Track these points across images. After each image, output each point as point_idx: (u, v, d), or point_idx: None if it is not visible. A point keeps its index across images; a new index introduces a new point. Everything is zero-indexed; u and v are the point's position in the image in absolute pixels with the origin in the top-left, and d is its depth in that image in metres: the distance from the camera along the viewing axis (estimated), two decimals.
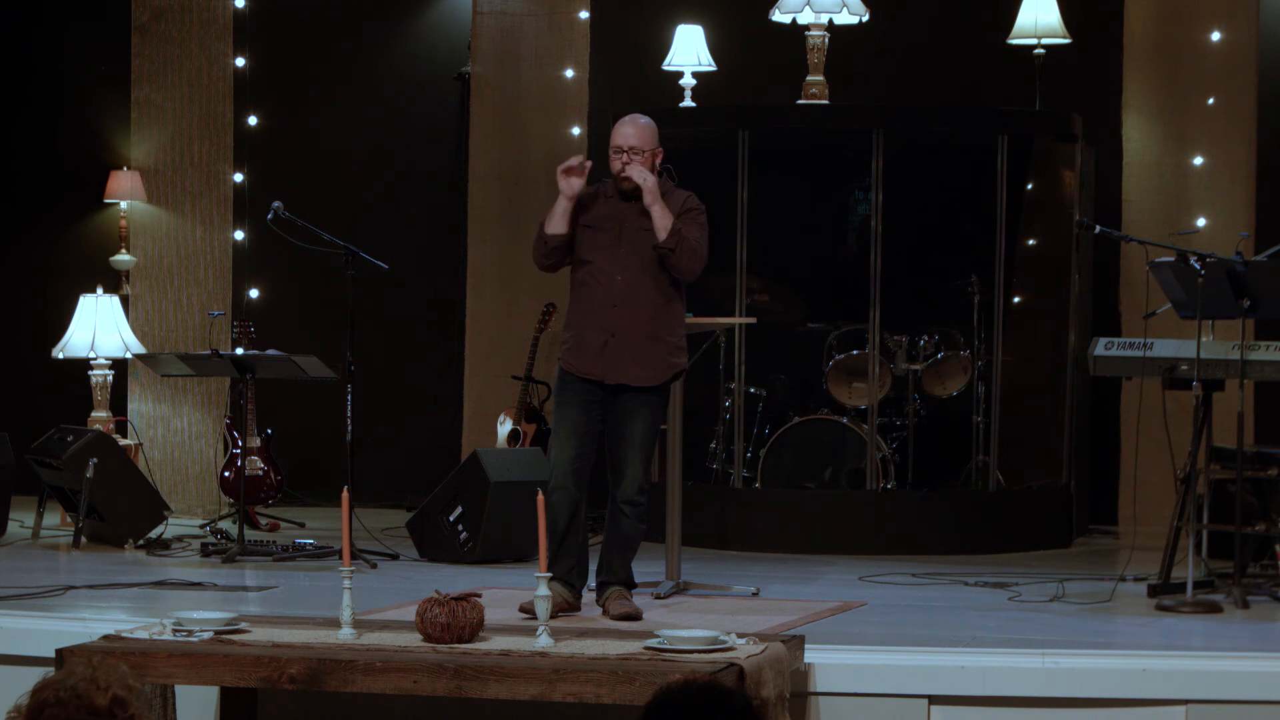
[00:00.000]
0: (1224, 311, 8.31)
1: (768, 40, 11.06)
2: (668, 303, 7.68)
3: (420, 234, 12.11)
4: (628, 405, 7.63)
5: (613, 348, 7.60)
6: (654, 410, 7.69)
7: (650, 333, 7.64)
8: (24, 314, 12.19)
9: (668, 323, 7.69)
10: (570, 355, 7.70)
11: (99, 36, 12.09)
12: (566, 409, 7.71)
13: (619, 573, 7.75)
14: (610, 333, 7.61)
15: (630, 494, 7.66)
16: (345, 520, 6.57)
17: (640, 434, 7.63)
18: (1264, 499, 8.75)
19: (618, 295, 7.62)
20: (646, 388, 7.64)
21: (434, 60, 12.20)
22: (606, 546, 7.79)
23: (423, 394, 12.19)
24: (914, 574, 9.21)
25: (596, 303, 7.64)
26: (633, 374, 7.62)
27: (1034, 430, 10.81)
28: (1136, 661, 6.87)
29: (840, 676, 6.83)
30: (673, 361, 7.70)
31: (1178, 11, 10.93)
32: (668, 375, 7.71)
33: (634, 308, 7.62)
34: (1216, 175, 10.84)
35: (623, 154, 7.67)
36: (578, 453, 7.65)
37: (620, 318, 7.61)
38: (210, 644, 6.38)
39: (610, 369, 7.62)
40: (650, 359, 7.64)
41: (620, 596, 7.67)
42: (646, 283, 7.64)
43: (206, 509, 11.22)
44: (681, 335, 7.76)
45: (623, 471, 7.66)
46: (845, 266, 11.20)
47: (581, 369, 7.66)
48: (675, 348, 7.71)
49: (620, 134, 7.71)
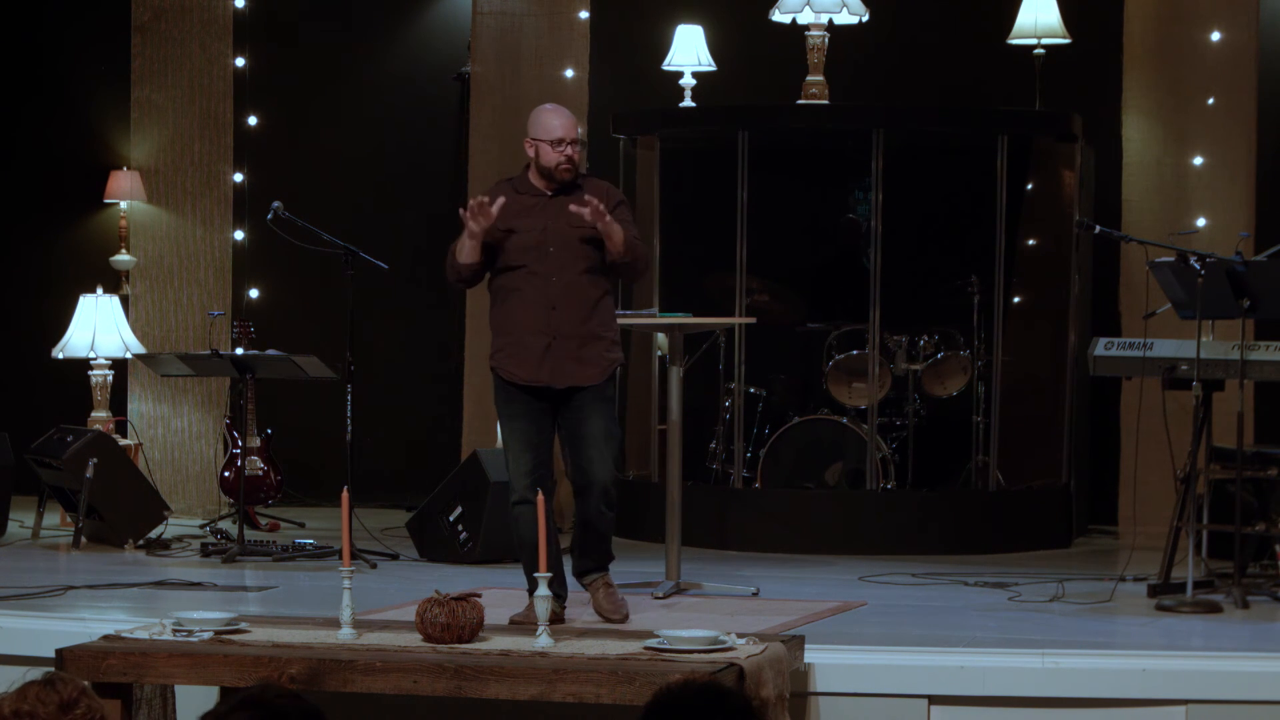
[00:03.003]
0: (1224, 311, 8.31)
1: (768, 40, 11.06)
2: (601, 299, 7.54)
3: (420, 234, 12.10)
4: (581, 404, 7.49)
5: (556, 350, 7.44)
6: (607, 405, 7.57)
7: (589, 331, 7.48)
8: (24, 314, 12.20)
9: (603, 319, 7.55)
10: (509, 364, 7.51)
11: (99, 36, 12.09)
12: (515, 421, 7.53)
13: (597, 556, 7.62)
14: (551, 335, 7.44)
15: (600, 493, 7.50)
16: (345, 520, 6.57)
17: (601, 431, 7.49)
18: (1264, 499, 8.75)
19: (555, 297, 7.45)
20: (594, 385, 7.50)
21: (434, 60, 12.21)
22: (578, 537, 7.64)
23: (423, 394, 12.19)
24: (914, 574, 9.21)
25: (532, 306, 7.46)
26: (579, 374, 7.47)
27: (1034, 430, 10.81)
28: (1136, 661, 6.87)
29: (840, 676, 6.83)
30: (611, 357, 7.56)
31: (1178, 11, 10.93)
32: (610, 371, 7.56)
33: (572, 308, 7.46)
34: (1216, 175, 10.84)
35: (564, 146, 7.49)
36: (535, 462, 7.49)
37: (560, 319, 7.45)
38: (210, 644, 6.39)
39: (557, 373, 7.46)
40: (591, 358, 7.48)
41: (607, 586, 7.57)
42: (582, 282, 7.48)
43: (206, 509, 11.22)
44: (616, 329, 7.63)
45: (589, 472, 7.49)
46: (845, 266, 11.20)
47: (525, 377, 7.47)
48: (612, 343, 7.58)
49: (560, 125, 7.51)
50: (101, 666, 6.27)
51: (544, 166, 7.55)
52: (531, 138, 7.59)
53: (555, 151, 7.52)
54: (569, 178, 7.53)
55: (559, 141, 7.51)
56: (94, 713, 3.89)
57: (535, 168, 7.60)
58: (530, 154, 7.60)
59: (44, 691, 3.88)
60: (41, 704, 3.86)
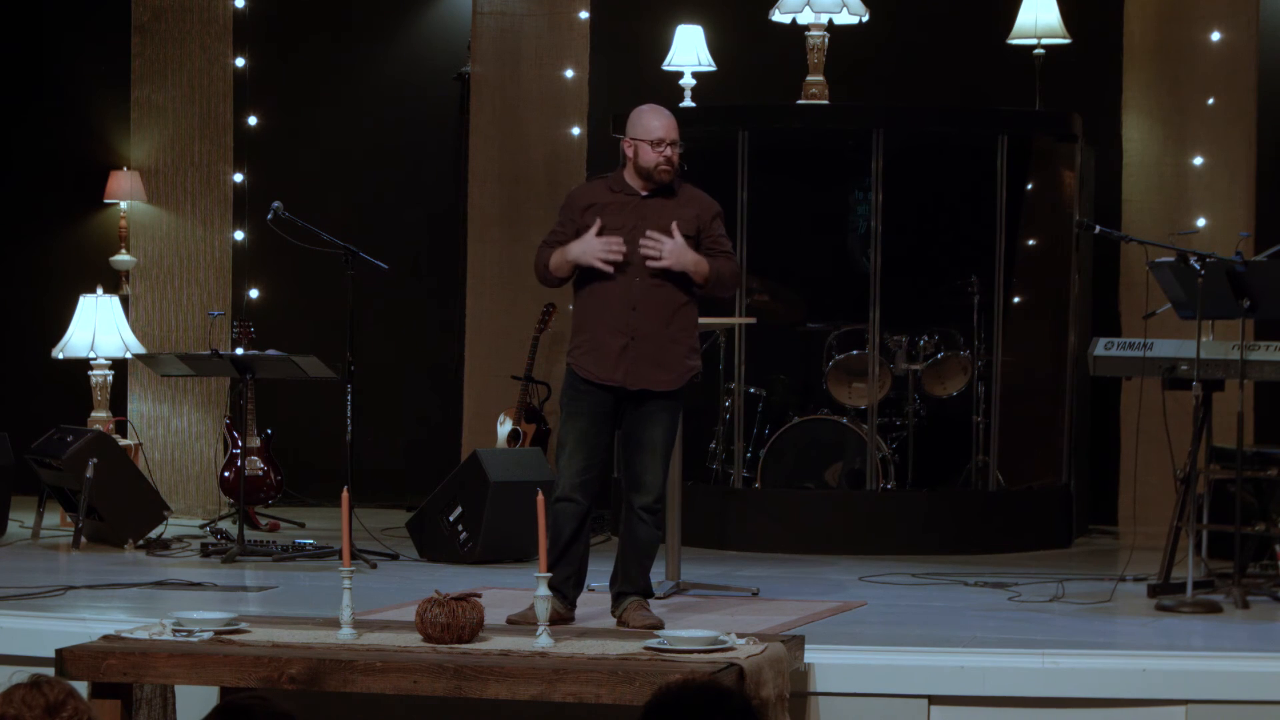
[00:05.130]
0: (1224, 311, 8.31)
1: (768, 40, 11.06)
2: (684, 304, 7.45)
3: (420, 234, 12.11)
4: (648, 411, 7.41)
5: (633, 351, 7.36)
6: (674, 415, 7.48)
7: (669, 335, 7.41)
8: (24, 314, 12.20)
9: (684, 325, 7.46)
10: (586, 360, 7.43)
11: (99, 36, 12.09)
12: (577, 419, 7.46)
13: (637, 582, 7.50)
14: (630, 336, 7.36)
15: (649, 501, 7.42)
16: (345, 520, 6.57)
17: (661, 440, 7.42)
18: (1264, 499, 8.75)
19: (637, 297, 7.38)
20: (666, 392, 7.43)
21: (434, 60, 12.21)
22: (623, 556, 7.54)
23: (423, 394, 12.19)
24: (914, 574, 9.22)
25: (614, 305, 7.39)
26: (654, 379, 7.39)
27: (1034, 430, 10.81)
28: (1136, 661, 6.87)
29: (840, 676, 6.83)
30: (690, 364, 7.48)
31: (1178, 11, 10.93)
32: (686, 378, 7.48)
33: (653, 310, 7.38)
34: (1216, 175, 10.84)
35: (664, 146, 7.39)
36: (587, 464, 7.43)
37: (639, 320, 7.37)
38: (210, 644, 6.39)
39: (632, 374, 7.37)
40: (669, 362, 7.41)
41: (640, 607, 7.42)
42: (666, 285, 7.39)
43: (206, 509, 11.21)
44: (696, 337, 7.56)
45: (642, 479, 7.42)
46: (845, 266, 11.20)
47: (600, 375, 7.40)
48: (691, 349, 7.49)
49: (661, 125, 7.40)
50: (101, 666, 6.27)
51: (643, 167, 7.44)
52: (631, 137, 7.47)
53: (655, 152, 7.41)
54: (667, 179, 7.44)
55: (659, 142, 7.40)
56: (81, 715, 3.87)
57: (633, 167, 7.48)
58: (629, 154, 7.48)
59: (30, 694, 3.85)
60: (28, 707, 3.83)
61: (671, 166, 7.44)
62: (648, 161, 7.43)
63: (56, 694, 3.86)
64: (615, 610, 7.50)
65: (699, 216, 7.46)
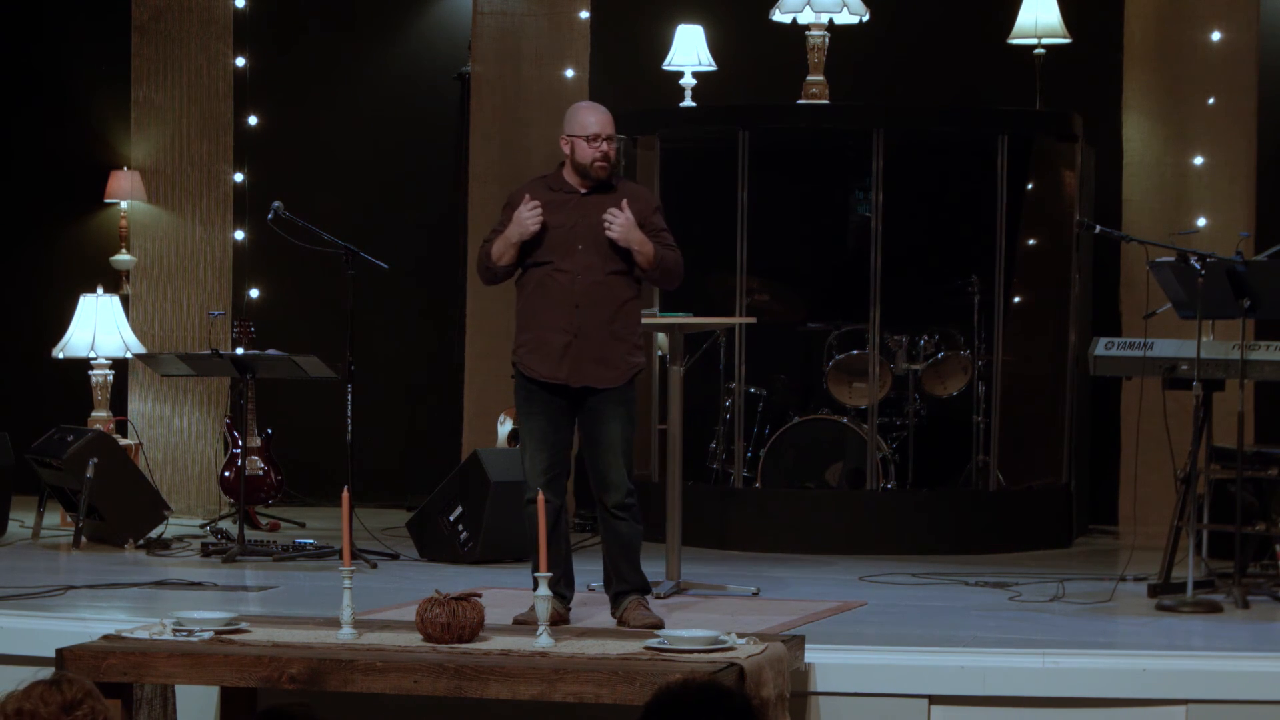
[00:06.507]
0: (1224, 311, 8.31)
1: (768, 40, 11.06)
2: (628, 301, 7.48)
3: (420, 233, 12.10)
4: (598, 409, 7.44)
5: (575, 349, 7.39)
6: (628, 408, 7.50)
7: (612, 332, 7.43)
8: (24, 314, 12.20)
9: (628, 322, 7.48)
10: (530, 359, 7.48)
11: (99, 36, 12.09)
12: (533, 419, 7.50)
13: (631, 579, 7.52)
14: (573, 334, 7.39)
15: (620, 499, 7.46)
16: (345, 520, 6.57)
17: (618, 436, 7.45)
18: (1264, 499, 8.75)
19: (580, 295, 7.40)
20: (612, 389, 7.45)
21: (434, 60, 12.21)
22: (610, 556, 7.55)
23: (423, 394, 12.19)
24: (914, 574, 9.21)
25: (557, 302, 7.41)
26: (596, 375, 7.42)
27: (1034, 430, 10.81)
28: (1136, 661, 6.87)
29: (840, 676, 6.83)
30: (632, 361, 7.49)
31: (1178, 11, 10.93)
32: (629, 375, 7.49)
33: (597, 307, 7.40)
34: (1216, 175, 10.84)
35: (600, 142, 7.41)
36: (550, 462, 7.46)
37: (583, 318, 7.39)
38: (210, 644, 6.39)
39: (575, 372, 7.40)
40: (612, 360, 7.43)
41: (639, 605, 7.44)
42: (609, 281, 7.42)
43: (206, 509, 11.22)
44: (639, 334, 7.56)
45: (607, 477, 7.45)
46: (845, 266, 11.20)
47: (544, 373, 7.43)
48: (634, 347, 7.50)
49: (596, 121, 7.43)
50: (102, 666, 6.27)
51: (579, 163, 7.47)
52: (567, 134, 7.49)
53: (591, 147, 7.43)
54: (604, 175, 7.46)
55: (595, 138, 7.42)
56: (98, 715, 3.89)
57: (570, 165, 7.51)
58: (566, 150, 7.51)
59: (49, 691, 3.89)
60: (44, 703, 3.86)
61: (608, 162, 7.47)
62: (584, 157, 7.46)
63: (75, 692, 3.89)
64: (615, 610, 7.51)
65: (640, 211, 7.46)
